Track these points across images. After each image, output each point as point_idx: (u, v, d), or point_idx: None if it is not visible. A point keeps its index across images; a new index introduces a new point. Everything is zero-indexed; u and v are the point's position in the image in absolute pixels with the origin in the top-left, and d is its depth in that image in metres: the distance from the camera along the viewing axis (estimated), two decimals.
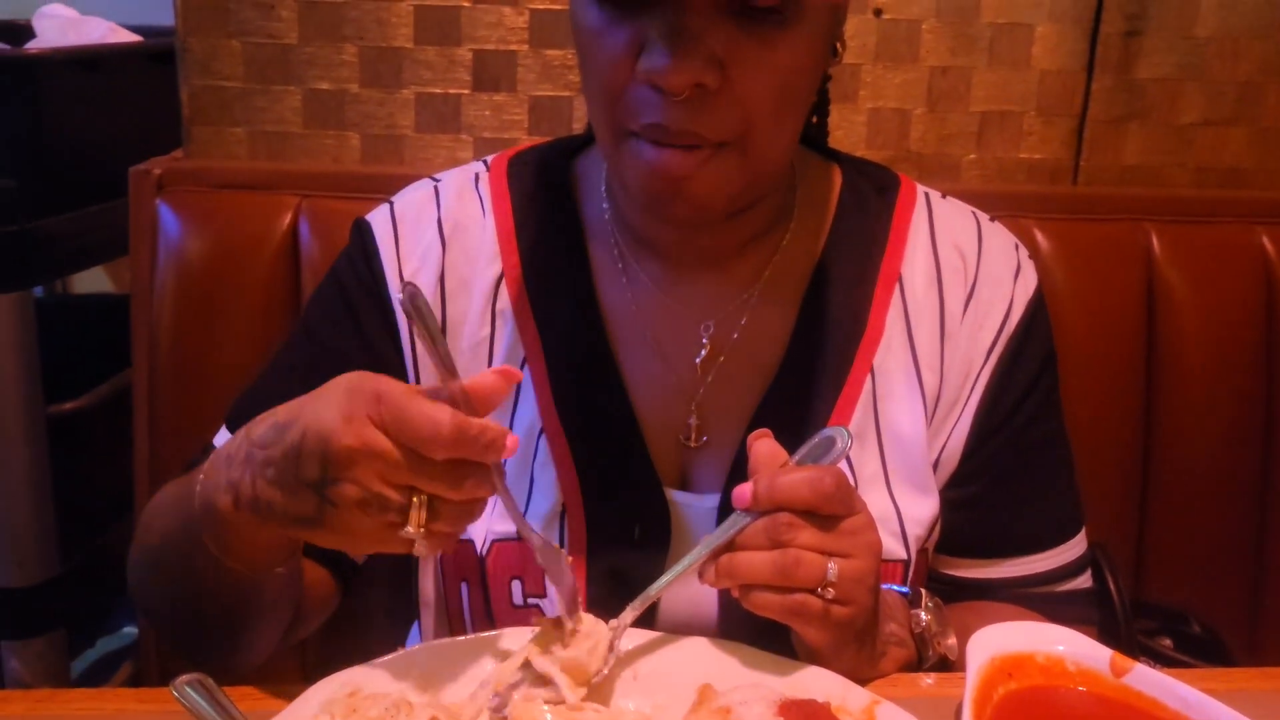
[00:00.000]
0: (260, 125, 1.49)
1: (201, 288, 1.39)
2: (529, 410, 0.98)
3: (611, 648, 0.81)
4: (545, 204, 1.02)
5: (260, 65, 1.47)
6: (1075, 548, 1.04)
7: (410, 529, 0.73)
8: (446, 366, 0.75)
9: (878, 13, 1.48)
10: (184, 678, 0.75)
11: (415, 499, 0.73)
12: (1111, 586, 1.24)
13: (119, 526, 1.83)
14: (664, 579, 0.83)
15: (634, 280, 0.99)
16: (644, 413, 0.98)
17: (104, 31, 2.01)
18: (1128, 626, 1.22)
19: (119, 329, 1.45)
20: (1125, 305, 1.44)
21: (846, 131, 1.51)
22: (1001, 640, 0.81)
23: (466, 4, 1.45)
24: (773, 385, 0.97)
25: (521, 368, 0.99)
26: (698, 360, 0.98)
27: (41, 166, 1.71)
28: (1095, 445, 1.40)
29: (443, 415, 0.70)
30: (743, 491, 0.80)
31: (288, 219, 1.41)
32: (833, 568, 0.77)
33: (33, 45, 1.92)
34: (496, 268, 1.00)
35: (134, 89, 1.89)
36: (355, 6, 1.45)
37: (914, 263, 1.01)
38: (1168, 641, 1.33)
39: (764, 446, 0.82)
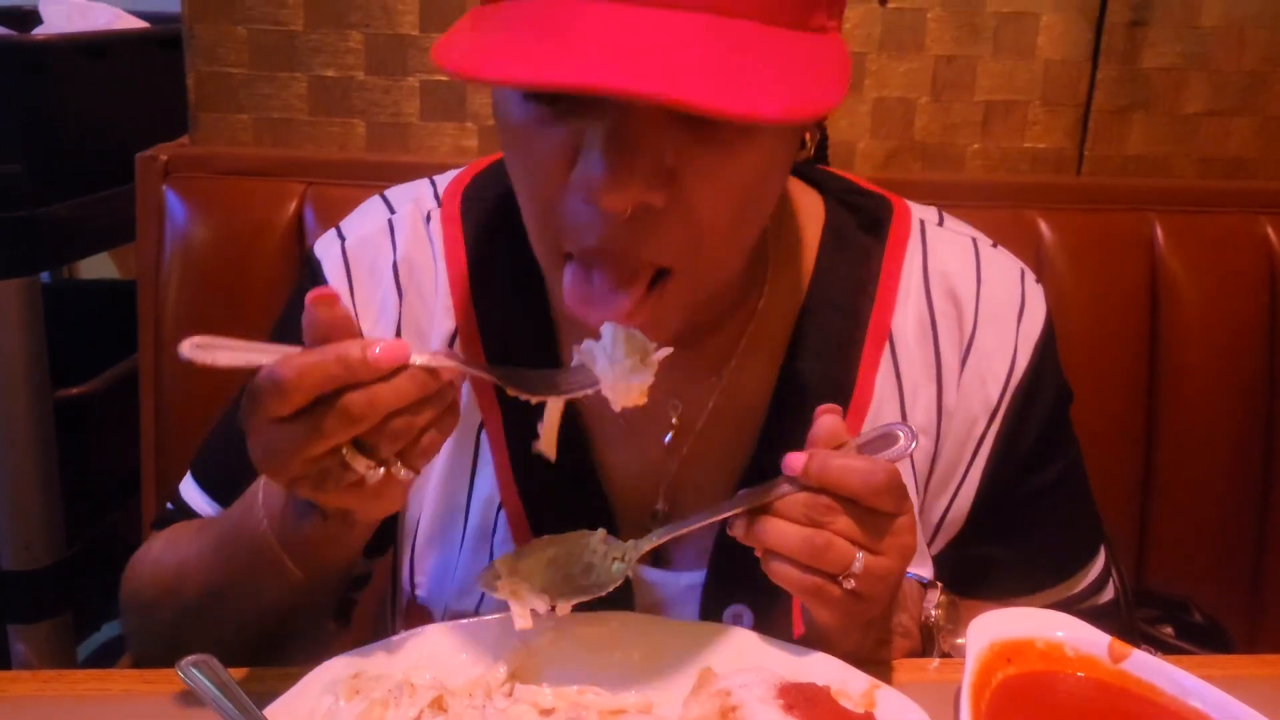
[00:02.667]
0: (266, 112, 1.49)
1: (208, 274, 1.40)
2: (487, 481, 0.93)
3: (625, 560, 0.81)
4: (504, 252, 0.92)
5: (266, 52, 1.47)
6: (1096, 565, 1.00)
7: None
8: None
9: (883, 2, 1.48)
10: (189, 659, 0.76)
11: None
12: (1114, 574, 1.24)
13: (125, 510, 1.84)
14: (694, 520, 0.81)
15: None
16: (611, 486, 0.92)
17: (110, 18, 2.02)
18: (1129, 614, 1.22)
19: (125, 314, 1.45)
20: (1129, 295, 1.44)
21: (851, 121, 1.51)
22: (1001, 625, 0.81)
23: None
24: (749, 466, 0.91)
25: (478, 434, 0.93)
26: (666, 440, 0.91)
27: (48, 152, 1.71)
28: (1099, 435, 1.40)
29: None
30: (794, 460, 0.77)
31: (293, 205, 1.41)
32: (860, 560, 0.76)
33: (39, 31, 1.92)
34: (450, 324, 0.92)
35: (140, 75, 1.90)
36: None
37: (905, 312, 0.93)
38: (1169, 629, 1.34)
39: (828, 422, 0.79)
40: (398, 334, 0.93)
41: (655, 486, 0.92)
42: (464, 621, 0.84)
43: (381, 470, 0.71)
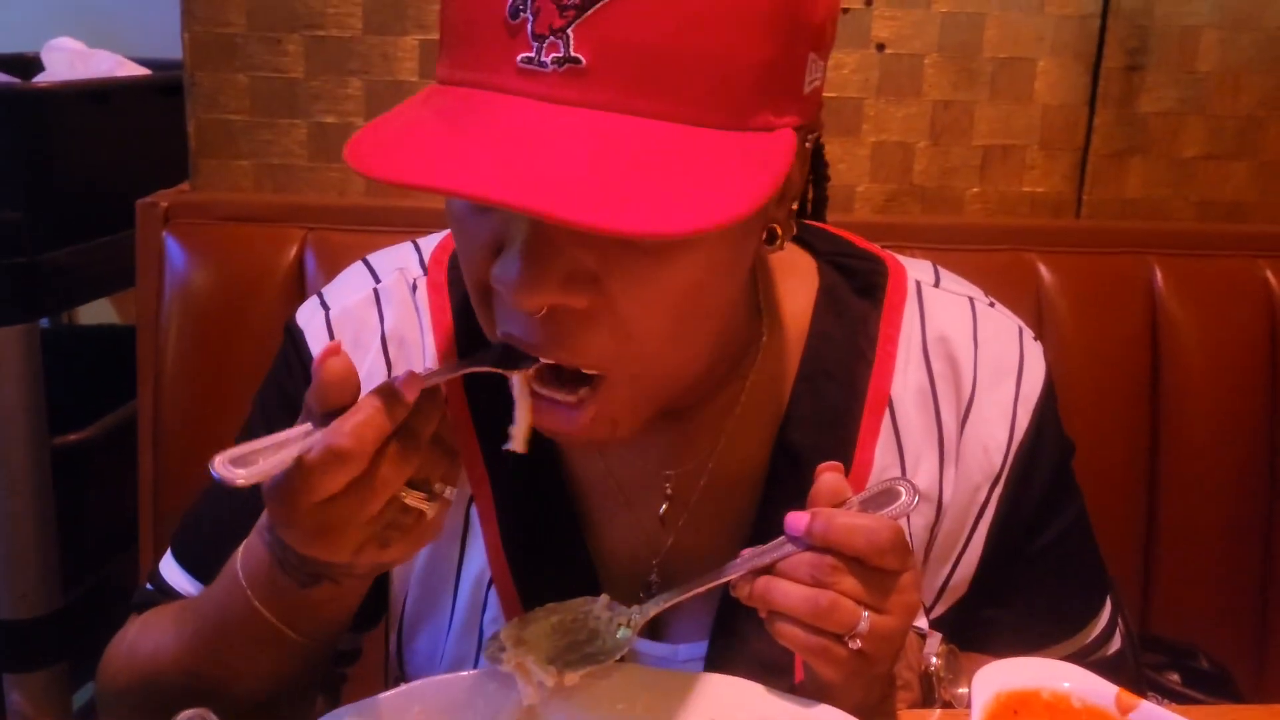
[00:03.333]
0: (266, 158, 1.49)
1: (207, 320, 1.40)
2: (477, 559, 0.90)
3: (630, 625, 0.81)
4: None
5: (266, 99, 1.48)
6: (1103, 617, 0.98)
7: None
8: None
9: (880, 47, 1.49)
10: (187, 713, 0.75)
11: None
12: (1120, 623, 1.23)
13: (122, 559, 1.83)
14: (698, 584, 0.80)
15: None
16: (604, 562, 0.90)
17: (112, 65, 2.03)
18: (1135, 661, 1.21)
19: (125, 359, 1.45)
20: (1129, 338, 1.44)
21: (850, 165, 1.52)
22: (1006, 676, 0.80)
23: None
24: (751, 534, 0.88)
25: (468, 510, 0.90)
26: (660, 512, 0.89)
27: (49, 199, 1.72)
28: (1101, 479, 1.40)
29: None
30: (797, 520, 0.76)
31: (294, 251, 1.41)
32: (865, 620, 0.74)
33: (42, 78, 1.94)
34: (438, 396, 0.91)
35: (141, 121, 1.90)
36: (361, 41, 1.46)
37: (905, 379, 0.90)
38: (1175, 676, 1.32)
39: (829, 480, 0.78)
40: None
41: (649, 560, 0.90)
42: (463, 674, 0.83)
43: (436, 499, 0.72)
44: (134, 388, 1.44)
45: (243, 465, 0.67)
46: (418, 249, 0.96)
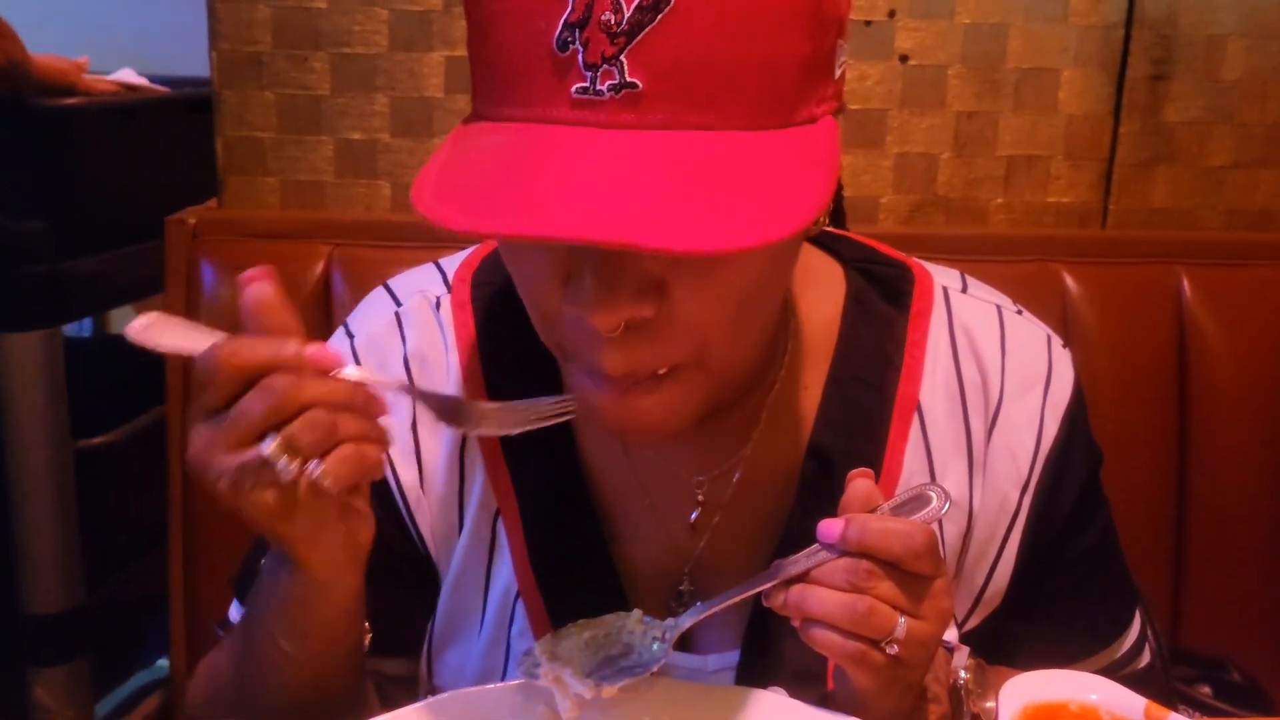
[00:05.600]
0: (293, 175, 1.51)
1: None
2: (504, 571, 0.90)
3: (665, 639, 0.80)
4: (514, 335, 0.88)
5: (293, 116, 1.49)
6: (1133, 631, 0.98)
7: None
8: None
9: (904, 58, 1.49)
10: None
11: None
12: (1149, 636, 1.22)
13: (149, 559, 1.85)
14: (731, 594, 0.79)
15: None
16: (632, 572, 0.90)
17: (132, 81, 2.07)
18: (1165, 674, 1.20)
19: (151, 368, 1.47)
20: (1157, 348, 1.43)
21: (874, 176, 1.51)
22: (1034, 689, 0.80)
23: None
24: (782, 540, 0.87)
25: (495, 522, 0.91)
26: (691, 519, 0.89)
27: (73, 210, 1.75)
28: (1129, 490, 1.39)
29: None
30: (831, 527, 0.75)
31: (320, 267, 1.42)
32: (902, 625, 0.74)
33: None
34: None
35: (166, 137, 1.94)
36: (387, 58, 1.47)
37: (934, 385, 0.90)
38: (1207, 689, 1.31)
39: (861, 486, 0.77)
40: (412, 426, 0.92)
41: (680, 567, 0.90)
42: (490, 687, 0.83)
43: (296, 465, 0.69)
44: (158, 395, 1.45)
45: (152, 333, 0.70)
46: (440, 269, 0.97)
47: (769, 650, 0.88)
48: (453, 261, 0.97)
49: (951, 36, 1.48)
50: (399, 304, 0.95)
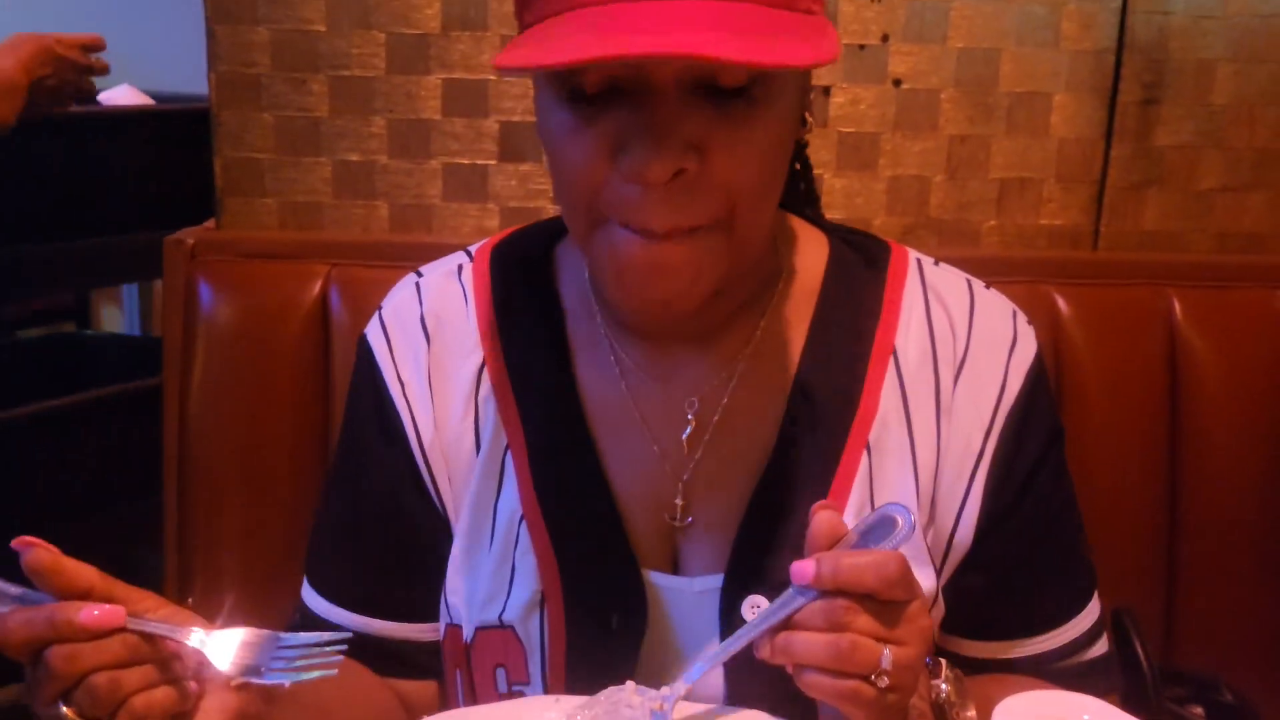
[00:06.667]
0: (291, 196, 1.52)
1: (233, 355, 1.42)
2: (511, 498, 0.98)
3: (664, 708, 0.82)
4: (526, 289, 1.02)
5: (291, 137, 1.50)
6: (1089, 615, 1.03)
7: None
8: None
9: (897, 82, 1.50)
10: None
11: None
12: (1140, 653, 1.23)
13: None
14: (719, 650, 0.83)
15: (618, 360, 0.98)
16: (627, 495, 0.97)
17: (126, 95, 2.09)
18: (1157, 694, 1.20)
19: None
20: (1148, 369, 1.44)
21: (867, 199, 1.53)
22: (1026, 710, 0.80)
23: (493, 78, 1.48)
24: (769, 465, 0.95)
25: (504, 455, 0.99)
26: (684, 437, 0.97)
27: None
28: (1120, 510, 1.40)
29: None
30: (804, 569, 0.78)
31: (318, 286, 1.43)
32: (887, 655, 0.76)
33: None
34: (478, 357, 1.00)
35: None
36: (385, 80, 1.48)
37: (908, 335, 0.98)
38: (1199, 710, 1.31)
39: (826, 520, 0.81)
40: (428, 377, 1.00)
41: (673, 485, 0.96)
42: (481, 707, 0.84)
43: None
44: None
45: None
46: (466, 251, 1.07)
47: (753, 571, 0.93)
48: (475, 246, 1.07)
49: (944, 61, 1.49)
50: (420, 276, 1.06)
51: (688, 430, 0.97)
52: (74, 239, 2.12)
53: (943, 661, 0.92)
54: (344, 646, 0.82)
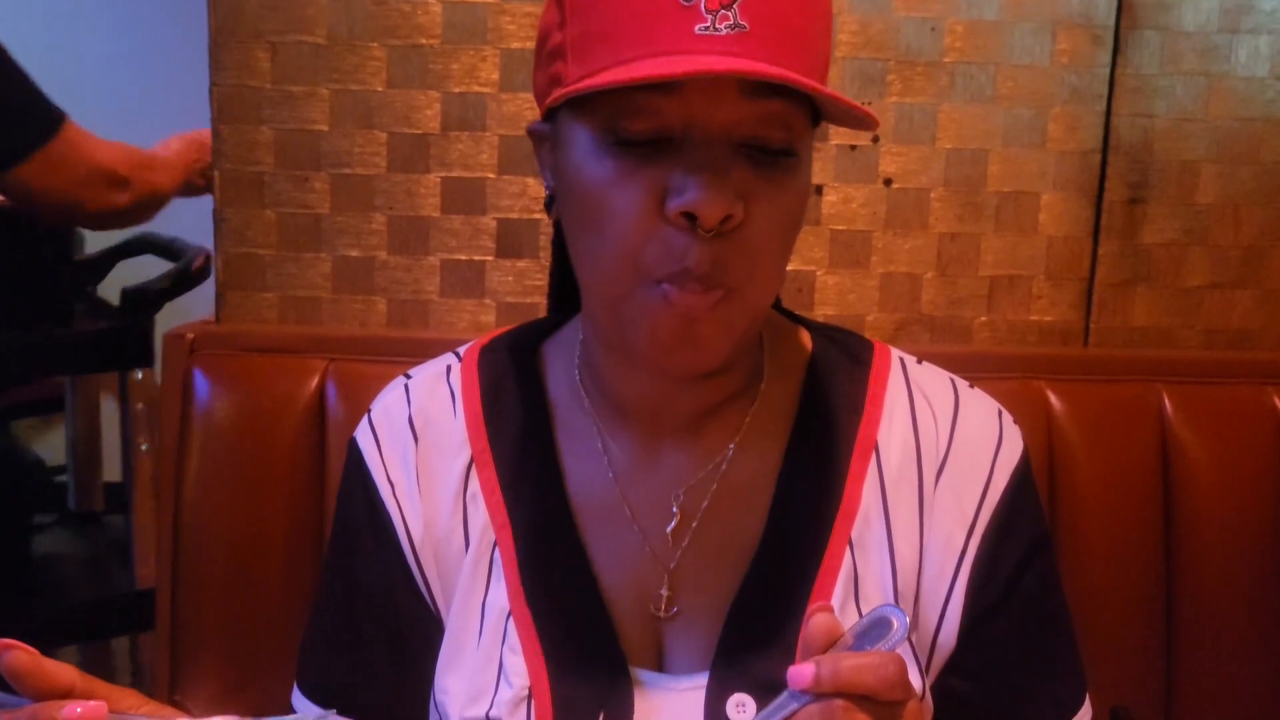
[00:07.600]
0: (291, 290, 1.54)
1: (230, 448, 1.42)
2: (499, 594, 0.98)
3: None
4: (514, 387, 1.03)
5: (293, 234, 1.52)
6: (1082, 717, 1.00)
7: None
8: None
9: (888, 182, 1.53)
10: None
11: None
12: None
13: None
14: None
15: (606, 449, 0.99)
16: (614, 589, 0.97)
17: None
18: None
19: None
20: (1140, 465, 1.45)
21: (859, 296, 1.55)
22: None
23: (492, 175, 1.51)
24: (754, 560, 0.95)
25: (492, 552, 0.99)
26: (669, 529, 0.97)
27: None
28: (1115, 607, 1.39)
29: None
30: (802, 672, 0.77)
31: (315, 381, 1.44)
32: None
33: None
34: (466, 454, 1.01)
35: None
36: (386, 179, 1.51)
37: (890, 431, 0.98)
38: None
39: (823, 622, 0.79)
40: (416, 477, 1.01)
41: (659, 577, 0.97)
42: None
43: None
44: None
45: None
46: (455, 353, 1.08)
47: (738, 669, 0.93)
48: (464, 347, 1.08)
49: (934, 161, 1.53)
50: (409, 379, 1.07)
51: (673, 523, 0.97)
52: None
53: None
54: None
